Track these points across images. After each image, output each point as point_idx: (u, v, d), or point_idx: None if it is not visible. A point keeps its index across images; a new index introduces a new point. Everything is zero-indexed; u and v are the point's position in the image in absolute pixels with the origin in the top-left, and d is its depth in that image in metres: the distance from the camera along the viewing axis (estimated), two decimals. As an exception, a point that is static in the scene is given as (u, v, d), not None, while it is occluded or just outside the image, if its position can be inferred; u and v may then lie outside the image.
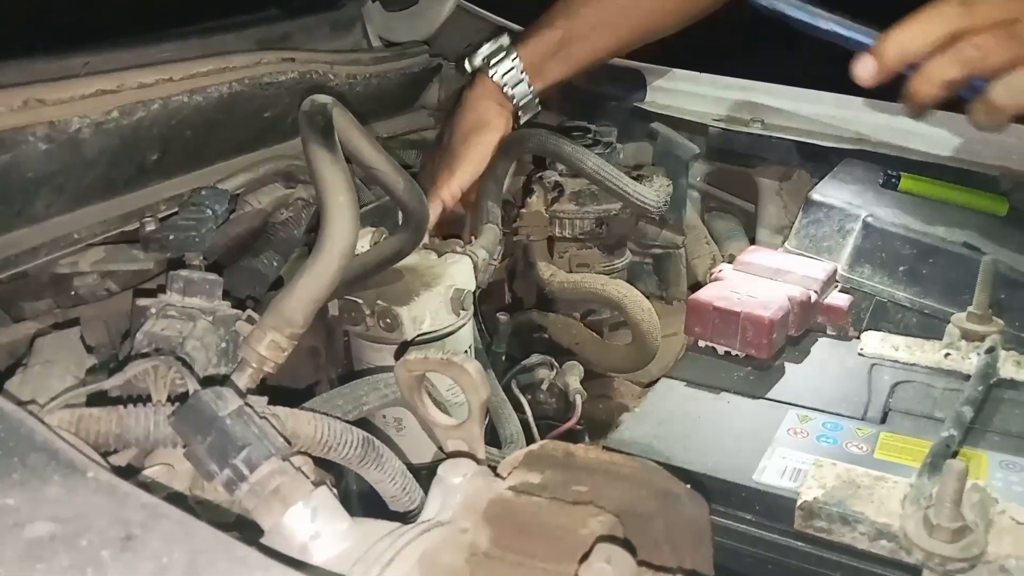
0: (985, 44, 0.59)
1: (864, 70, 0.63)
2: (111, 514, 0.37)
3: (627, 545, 0.37)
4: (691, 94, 1.15)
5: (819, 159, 1.05)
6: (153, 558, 0.35)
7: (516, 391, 1.02)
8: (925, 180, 0.97)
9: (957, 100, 0.64)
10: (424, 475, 0.55)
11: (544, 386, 1.07)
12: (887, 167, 0.98)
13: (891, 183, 0.97)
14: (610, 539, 0.38)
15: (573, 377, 1.05)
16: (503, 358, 1.06)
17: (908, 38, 0.61)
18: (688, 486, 0.47)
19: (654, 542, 0.44)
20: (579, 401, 1.02)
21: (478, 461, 0.49)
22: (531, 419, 0.98)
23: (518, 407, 0.97)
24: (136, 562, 0.35)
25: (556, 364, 1.07)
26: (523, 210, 1.09)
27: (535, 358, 1.07)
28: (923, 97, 0.62)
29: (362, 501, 0.72)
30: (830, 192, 0.95)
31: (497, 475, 0.47)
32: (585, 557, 0.37)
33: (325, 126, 0.65)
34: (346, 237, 0.60)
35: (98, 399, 0.53)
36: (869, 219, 0.90)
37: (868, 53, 0.62)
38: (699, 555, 0.46)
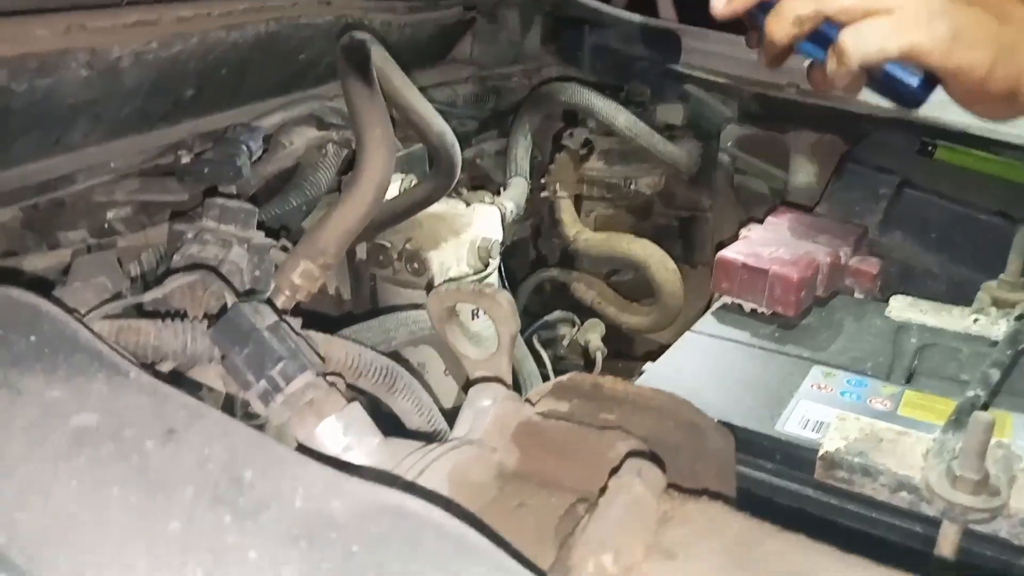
0: None
1: (717, 3, 0.61)
2: (153, 411, 0.38)
3: (657, 461, 0.38)
4: (726, 57, 1.13)
5: (854, 126, 1.03)
6: (194, 451, 0.36)
7: (537, 346, 1.03)
8: (962, 150, 0.96)
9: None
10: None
11: (565, 342, 1.08)
12: (923, 136, 0.97)
13: (927, 151, 0.96)
14: (640, 455, 0.38)
15: (594, 334, 1.06)
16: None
17: None
18: (715, 420, 0.47)
19: (678, 472, 0.44)
20: (599, 358, 1.03)
21: (507, 388, 0.50)
22: (552, 374, 0.99)
23: (539, 362, 0.98)
24: (178, 454, 0.36)
25: (578, 321, 1.08)
26: (551, 166, 1.09)
27: (557, 314, 1.08)
28: (777, 37, 0.59)
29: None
30: (865, 157, 0.94)
31: (527, 401, 0.48)
32: (615, 472, 0.37)
33: (363, 61, 0.65)
34: (381, 170, 0.61)
35: (135, 316, 0.54)
36: (903, 185, 0.89)
37: None
38: (722, 488, 0.46)
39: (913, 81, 0.58)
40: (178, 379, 0.52)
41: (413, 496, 0.32)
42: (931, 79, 0.59)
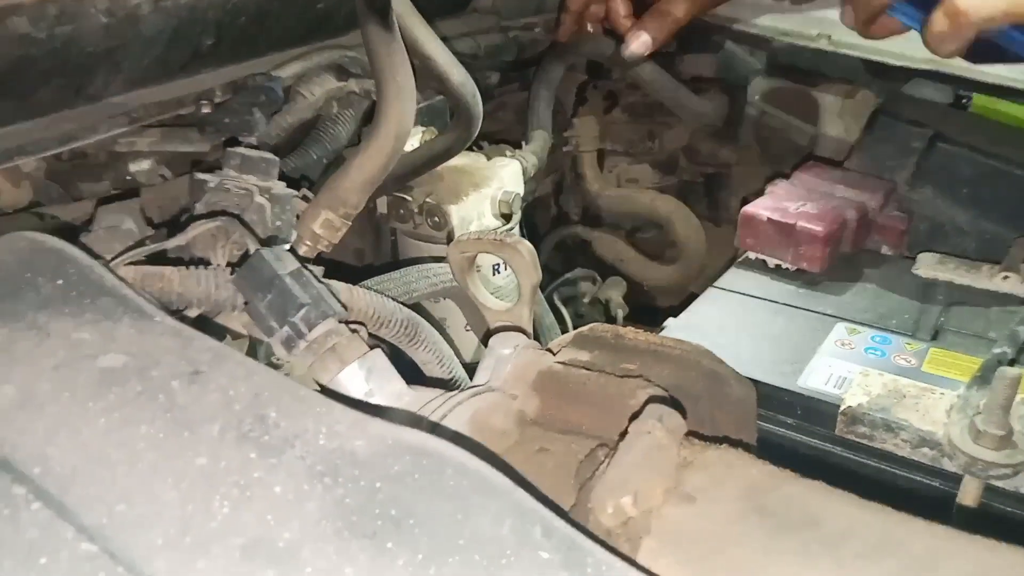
0: None
1: None
2: (179, 352, 0.39)
3: (678, 408, 0.38)
4: (755, 5, 1.10)
5: (886, 79, 1.00)
6: (220, 391, 0.36)
7: (558, 303, 1.03)
8: (999, 102, 0.93)
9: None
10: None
11: (586, 300, 1.07)
12: (958, 88, 0.94)
13: (962, 103, 0.93)
14: (661, 402, 0.38)
15: (615, 292, 1.06)
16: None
17: None
18: (735, 370, 0.47)
19: (699, 421, 0.44)
20: (621, 316, 1.02)
21: (528, 337, 0.50)
22: (572, 331, 0.99)
23: (559, 320, 0.98)
24: (204, 393, 0.36)
25: (599, 278, 1.07)
26: (574, 120, 1.08)
27: (578, 271, 1.07)
28: None
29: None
30: (898, 110, 0.91)
31: (547, 350, 0.48)
32: (635, 418, 0.37)
33: (383, 7, 0.64)
34: (402, 119, 0.60)
35: (159, 263, 0.55)
36: (935, 138, 0.87)
37: None
38: (742, 437, 0.46)
39: None
40: (204, 324, 0.52)
41: (434, 436, 0.32)
42: None
